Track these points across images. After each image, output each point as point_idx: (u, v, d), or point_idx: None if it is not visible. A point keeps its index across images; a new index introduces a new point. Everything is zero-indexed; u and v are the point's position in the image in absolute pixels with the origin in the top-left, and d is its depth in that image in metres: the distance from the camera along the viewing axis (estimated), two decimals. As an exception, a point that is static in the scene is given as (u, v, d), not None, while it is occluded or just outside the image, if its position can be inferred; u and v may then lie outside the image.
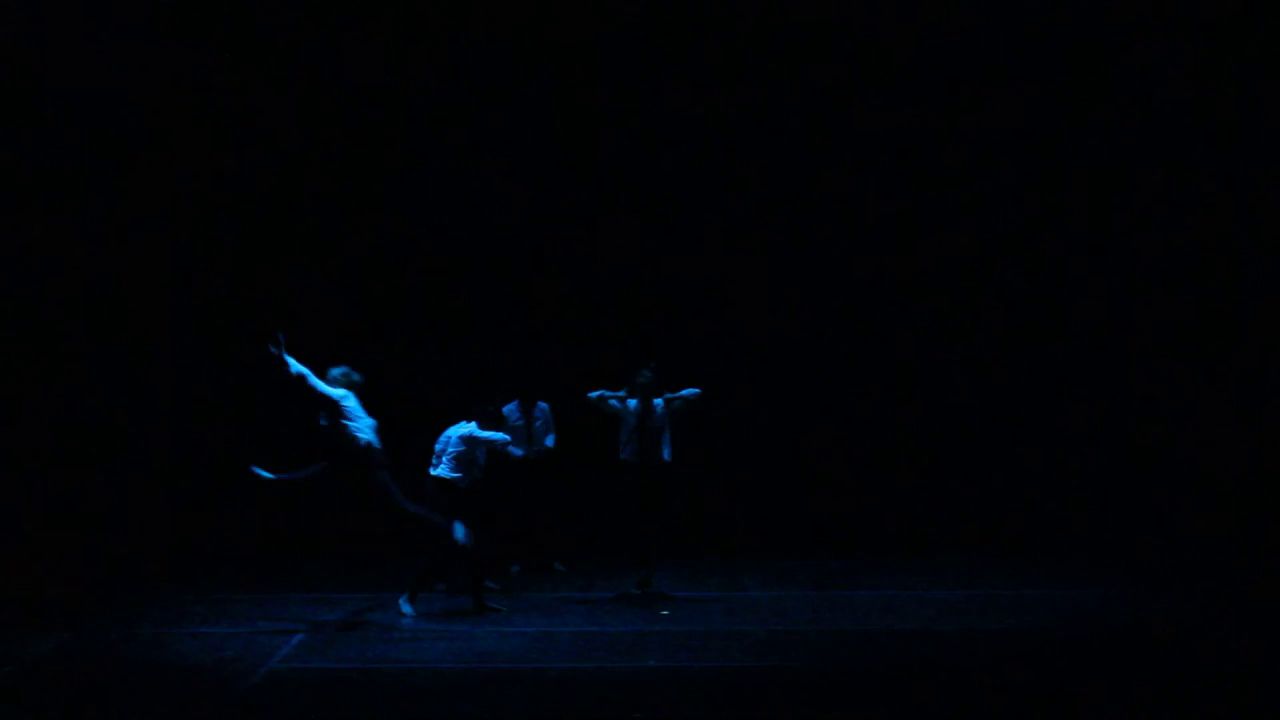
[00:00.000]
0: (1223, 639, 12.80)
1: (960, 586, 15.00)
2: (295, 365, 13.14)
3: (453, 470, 13.95)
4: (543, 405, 15.68)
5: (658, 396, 14.46)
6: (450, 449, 14.00)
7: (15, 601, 14.20)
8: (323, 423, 13.41)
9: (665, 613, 14.04)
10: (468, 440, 13.94)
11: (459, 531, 13.75)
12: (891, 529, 16.94)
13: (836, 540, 16.72)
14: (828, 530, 16.93)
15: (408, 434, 14.30)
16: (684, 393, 14.50)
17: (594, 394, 14.53)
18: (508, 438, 14.13)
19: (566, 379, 15.50)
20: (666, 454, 14.47)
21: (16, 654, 12.71)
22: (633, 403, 14.49)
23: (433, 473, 14.04)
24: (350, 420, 13.38)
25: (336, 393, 13.36)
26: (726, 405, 16.76)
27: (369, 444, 13.39)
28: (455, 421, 14.11)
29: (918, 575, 15.45)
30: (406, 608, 13.91)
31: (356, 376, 13.60)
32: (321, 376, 13.35)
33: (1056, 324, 17.33)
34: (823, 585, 15.18)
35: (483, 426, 13.95)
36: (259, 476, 13.43)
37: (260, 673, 12.08)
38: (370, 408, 13.55)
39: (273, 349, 13.03)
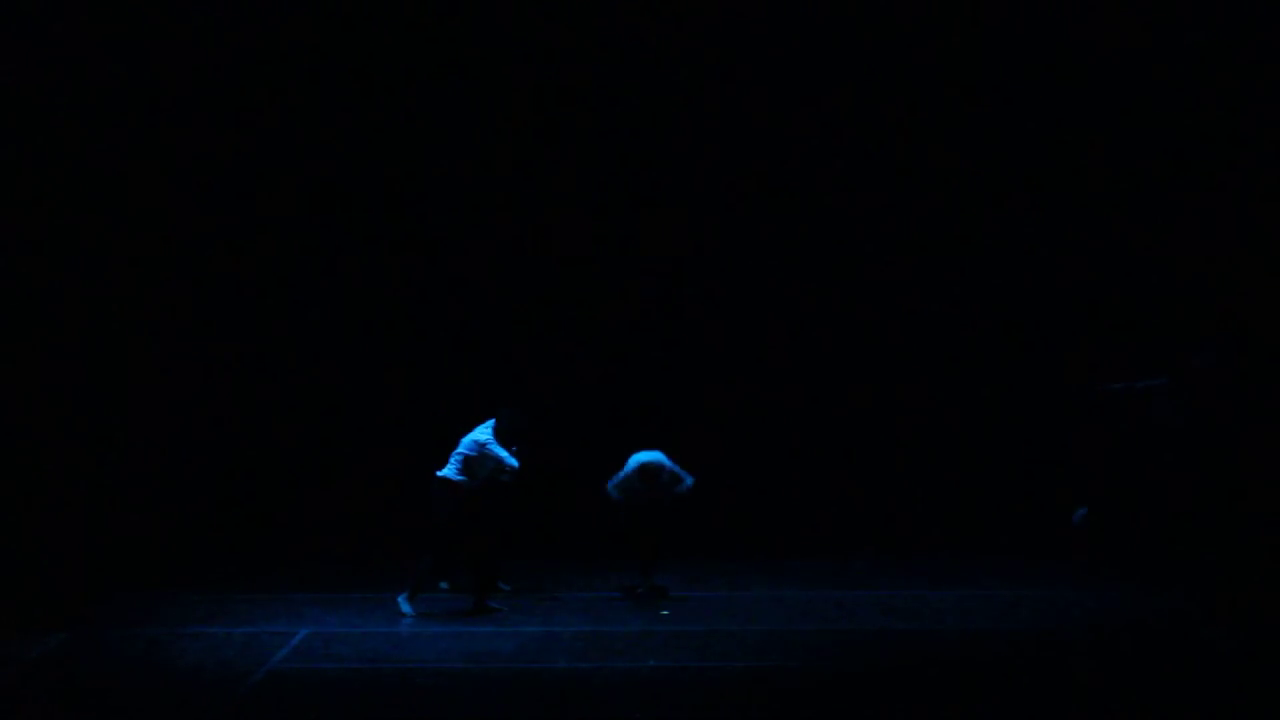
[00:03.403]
0: (1221, 639, 12.80)
1: (960, 586, 15.00)
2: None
3: (459, 473, 13.97)
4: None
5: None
6: (460, 450, 14.03)
7: (15, 601, 14.20)
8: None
9: (665, 613, 14.04)
10: (478, 447, 13.98)
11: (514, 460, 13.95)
12: (892, 529, 16.91)
13: (837, 540, 16.69)
14: (828, 530, 16.90)
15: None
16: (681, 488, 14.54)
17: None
18: (515, 463, 14.03)
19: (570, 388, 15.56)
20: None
21: (16, 654, 12.71)
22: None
23: (439, 474, 14.05)
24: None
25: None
26: (727, 405, 16.78)
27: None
28: (472, 428, 14.24)
29: (917, 575, 15.45)
30: (406, 608, 13.91)
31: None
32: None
33: (1056, 324, 17.30)
34: (823, 585, 15.17)
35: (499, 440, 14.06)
36: None
37: (260, 673, 12.08)
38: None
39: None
